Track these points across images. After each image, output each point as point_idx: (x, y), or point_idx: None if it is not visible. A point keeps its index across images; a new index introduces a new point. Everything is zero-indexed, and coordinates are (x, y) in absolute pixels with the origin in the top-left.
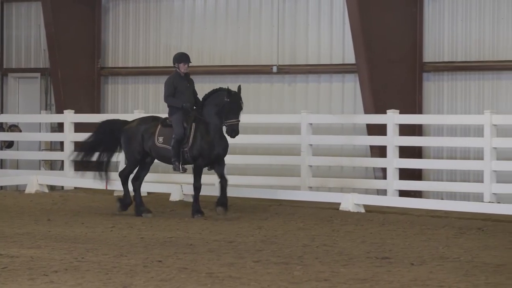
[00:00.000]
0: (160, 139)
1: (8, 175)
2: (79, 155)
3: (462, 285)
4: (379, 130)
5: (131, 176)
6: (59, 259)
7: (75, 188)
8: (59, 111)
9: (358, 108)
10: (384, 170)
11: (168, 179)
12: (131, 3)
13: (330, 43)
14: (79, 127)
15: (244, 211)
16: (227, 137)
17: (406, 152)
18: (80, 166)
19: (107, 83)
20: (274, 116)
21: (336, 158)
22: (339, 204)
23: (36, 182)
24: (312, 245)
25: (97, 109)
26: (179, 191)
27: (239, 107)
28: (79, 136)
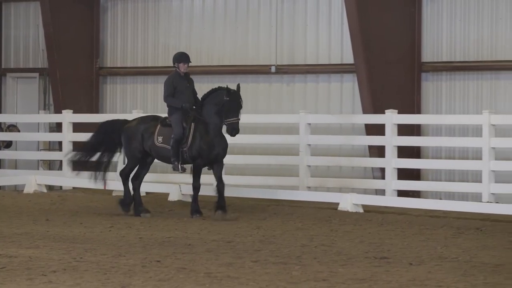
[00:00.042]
0: (160, 139)
1: (7, 175)
2: (79, 155)
3: (461, 285)
4: (378, 130)
5: (131, 175)
6: (58, 259)
7: (74, 188)
8: (58, 111)
9: (356, 108)
10: (382, 170)
11: (167, 179)
12: (130, 3)
13: (328, 43)
14: (78, 127)
15: (242, 211)
16: (227, 136)
17: (405, 152)
18: (79, 166)
19: (105, 83)
20: (273, 116)
21: (335, 158)
22: (337, 204)
23: (35, 182)
24: (310, 245)
25: (95, 109)
26: (177, 191)
27: (239, 105)
28: (77, 136)
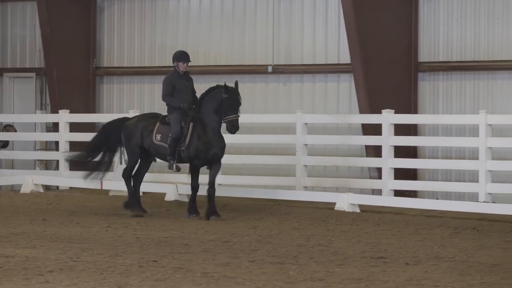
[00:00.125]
0: (158, 137)
1: (3, 175)
2: (81, 156)
3: (457, 284)
4: (374, 130)
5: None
6: (54, 259)
7: (70, 188)
8: (54, 111)
9: (353, 108)
10: (379, 170)
11: (164, 179)
12: (126, 3)
13: (325, 43)
14: (74, 127)
15: (239, 211)
16: (226, 136)
17: (401, 152)
18: (79, 165)
19: (102, 83)
20: (269, 116)
21: (332, 158)
22: (334, 204)
23: (31, 182)
24: (307, 244)
25: (92, 109)
26: (174, 191)
27: (238, 102)
28: (74, 136)
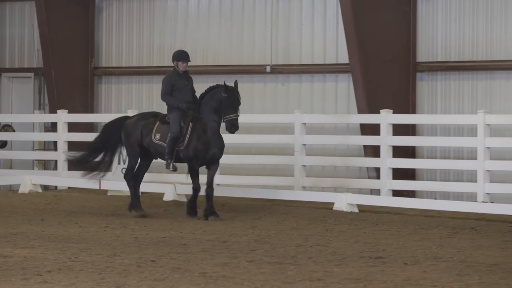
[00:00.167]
0: (157, 136)
1: (2, 175)
2: (82, 156)
3: (456, 284)
4: (373, 129)
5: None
6: (53, 259)
7: (69, 188)
8: (53, 111)
9: (351, 107)
10: (377, 170)
11: (162, 179)
12: (125, 3)
13: (323, 43)
14: (73, 127)
15: (237, 211)
16: (225, 135)
17: (400, 151)
18: (80, 165)
19: (100, 83)
20: (268, 116)
21: (330, 158)
22: (332, 204)
23: (30, 182)
24: (305, 244)
25: (90, 109)
26: (172, 191)
27: (237, 101)
28: (72, 136)
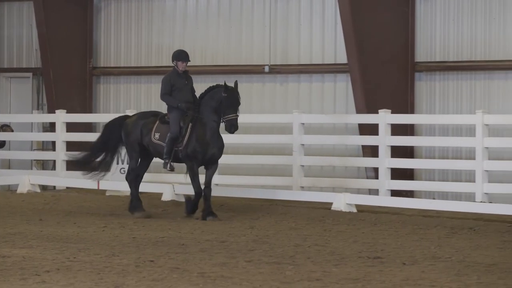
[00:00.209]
0: (157, 135)
1: (0, 175)
2: (84, 156)
3: (454, 284)
4: (371, 129)
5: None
6: (51, 259)
7: (67, 188)
8: (51, 111)
9: (350, 107)
10: (376, 170)
11: (160, 179)
12: (123, 3)
13: (322, 43)
14: (71, 127)
15: (236, 210)
16: (224, 135)
17: (398, 151)
18: (81, 166)
19: (99, 83)
20: (266, 116)
21: (328, 158)
22: (331, 204)
23: (28, 182)
24: (304, 244)
25: (89, 109)
26: (171, 191)
27: (237, 101)
28: (71, 136)
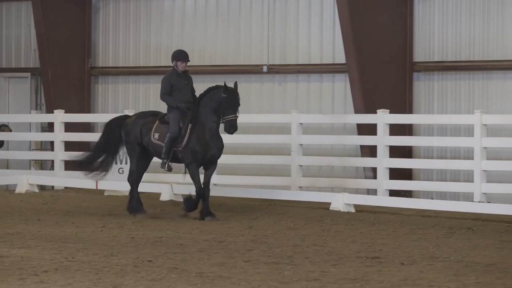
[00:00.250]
0: (156, 136)
1: None
2: (87, 157)
3: (452, 284)
4: (370, 129)
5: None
6: (49, 259)
7: (66, 188)
8: (49, 110)
9: (348, 107)
10: (374, 169)
11: (158, 179)
12: (122, 3)
13: (320, 43)
14: (69, 127)
15: (234, 210)
16: (224, 136)
17: (397, 151)
18: (83, 166)
19: (97, 83)
20: (264, 116)
21: (327, 158)
22: (329, 203)
23: (26, 181)
24: (302, 244)
25: (87, 109)
26: (169, 191)
27: (237, 102)
28: (69, 136)
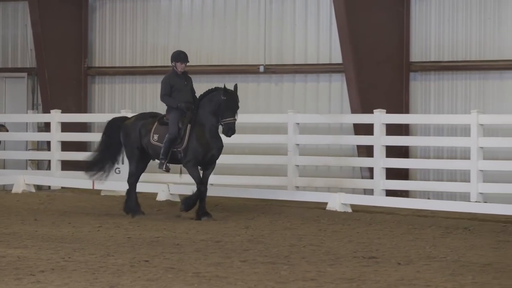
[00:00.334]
0: (155, 137)
1: None
2: (94, 157)
3: (449, 284)
4: (366, 129)
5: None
6: (46, 259)
7: (62, 188)
8: (46, 110)
9: (345, 107)
10: (371, 169)
11: (155, 179)
12: (118, 3)
13: (317, 43)
14: (66, 127)
15: (231, 210)
16: (222, 137)
17: (393, 151)
18: (87, 170)
19: (94, 83)
20: (261, 116)
21: (323, 158)
22: (326, 203)
23: (23, 181)
24: (299, 244)
25: (84, 109)
26: (166, 191)
27: (236, 105)
28: (66, 136)
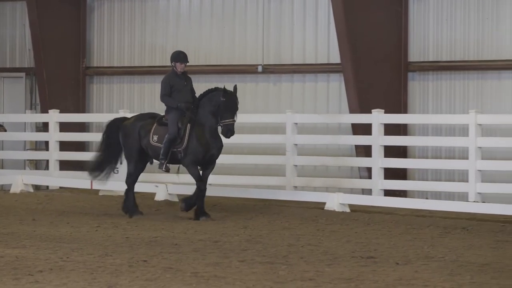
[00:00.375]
0: (155, 138)
1: None
2: (97, 158)
3: (447, 284)
4: (364, 129)
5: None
6: (44, 259)
7: (60, 187)
8: (44, 110)
9: (343, 107)
10: (369, 169)
11: (154, 179)
12: (116, 3)
13: (315, 42)
14: (64, 127)
15: (229, 210)
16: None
17: (391, 151)
18: (90, 171)
19: (92, 83)
20: (259, 116)
21: (321, 158)
22: (324, 203)
23: (21, 181)
24: (297, 244)
25: (82, 108)
26: (164, 190)
27: (235, 106)
28: (64, 136)
